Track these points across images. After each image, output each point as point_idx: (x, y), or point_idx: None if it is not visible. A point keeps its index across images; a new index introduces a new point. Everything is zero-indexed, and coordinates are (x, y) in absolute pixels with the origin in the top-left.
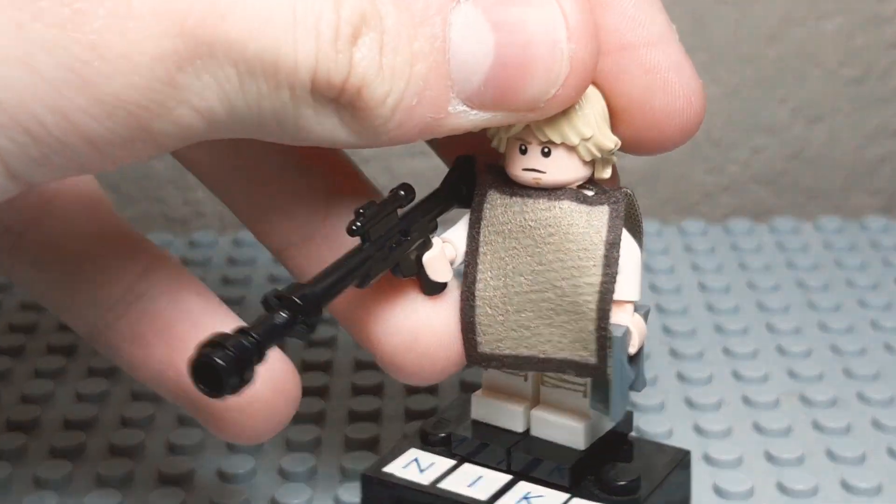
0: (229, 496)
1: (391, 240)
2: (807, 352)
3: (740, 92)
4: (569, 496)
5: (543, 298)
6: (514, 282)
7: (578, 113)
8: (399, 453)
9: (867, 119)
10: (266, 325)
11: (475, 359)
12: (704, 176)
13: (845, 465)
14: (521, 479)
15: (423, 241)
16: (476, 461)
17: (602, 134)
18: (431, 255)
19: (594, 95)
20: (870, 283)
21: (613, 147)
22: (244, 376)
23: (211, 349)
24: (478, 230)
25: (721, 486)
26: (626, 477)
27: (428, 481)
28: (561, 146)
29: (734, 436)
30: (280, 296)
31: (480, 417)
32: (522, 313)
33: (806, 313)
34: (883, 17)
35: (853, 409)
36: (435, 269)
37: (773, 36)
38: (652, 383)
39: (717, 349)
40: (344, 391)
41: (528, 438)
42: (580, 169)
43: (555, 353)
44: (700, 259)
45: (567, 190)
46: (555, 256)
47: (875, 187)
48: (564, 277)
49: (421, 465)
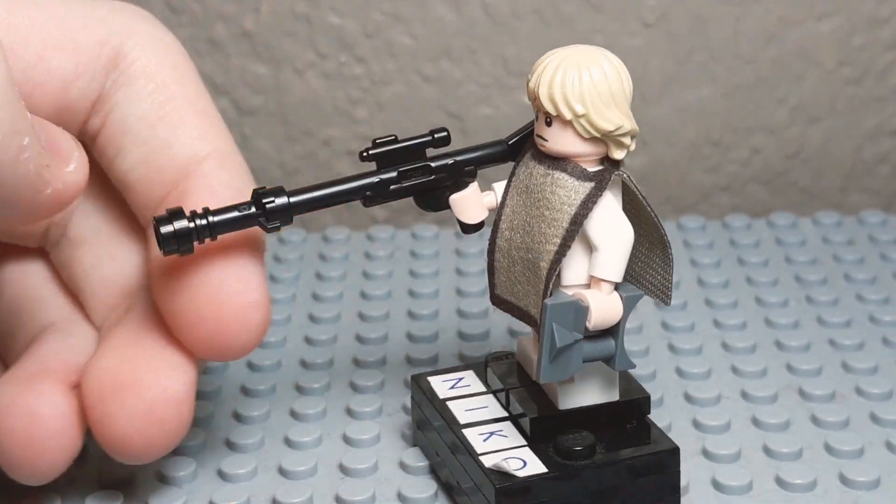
0: (230, 496)
1: (409, 173)
2: (805, 346)
3: (739, 92)
4: (524, 444)
5: (525, 258)
6: (515, 236)
7: (575, 89)
8: (456, 371)
9: (865, 119)
10: (227, 212)
11: (494, 300)
12: (703, 176)
13: (843, 459)
14: (510, 420)
15: (454, 182)
16: (496, 395)
17: (597, 113)
18: (459, 195)
19: (601, 76)
20: (868, 278)
21: (612, 129)
22: (181, 248)
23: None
24: (509, 184)
25: (720, 481)
26: (579, 444)
27: (444, 396)
28: (557, 118)
29: (733, 430)
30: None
31: (519, 359)
32: (516, 267)
33: (804, 308)
34: (881, 17)
35: (851, 403)
36: (461, 210)
37: (771, 36)
38: (651, 378)
39: (716, 344)
40: (344, 390)
41: (532, 387)
42: (579, 144)
43: (532, 309)
44: (698, 254)
45: (569, 161)
46: (536, 221)
47: (873, 187)
48: (537, 241)
49: (458, 384)
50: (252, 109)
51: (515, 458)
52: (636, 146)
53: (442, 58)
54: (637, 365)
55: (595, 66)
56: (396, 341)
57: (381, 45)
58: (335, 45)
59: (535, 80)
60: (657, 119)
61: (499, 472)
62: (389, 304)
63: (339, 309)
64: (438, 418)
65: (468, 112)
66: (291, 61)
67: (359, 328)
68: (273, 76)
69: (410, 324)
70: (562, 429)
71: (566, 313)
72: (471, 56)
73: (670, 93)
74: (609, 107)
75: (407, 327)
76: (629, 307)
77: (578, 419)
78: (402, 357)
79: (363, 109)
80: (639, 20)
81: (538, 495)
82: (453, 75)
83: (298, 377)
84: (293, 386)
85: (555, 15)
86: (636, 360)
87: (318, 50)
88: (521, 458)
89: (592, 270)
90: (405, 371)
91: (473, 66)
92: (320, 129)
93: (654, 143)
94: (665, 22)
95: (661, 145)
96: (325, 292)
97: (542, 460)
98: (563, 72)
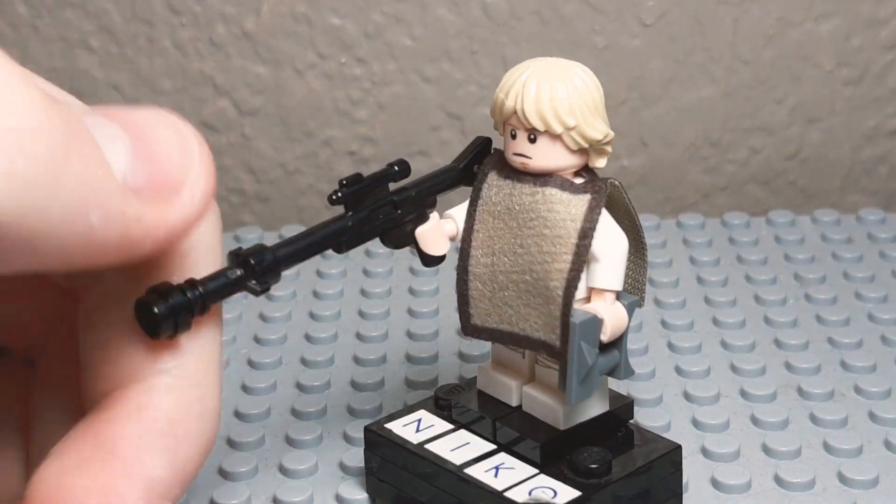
0: (231, 494)
1: (378, 211)
2: (804, 344)
3: (738, 92)
4: (537, 472)
5: (522, 280)
6: (499, 261)
7: (564, 102)
8: (409, 413)
9: (864, 119)
10: (215, 280)
11: (468, 330)
12: (702, 176)
13: (842, 458)
14: (503, 450)
15: (418, 215)
16: (471, 429)
17: (587, 124)
18: (425, 228)
19: (584, 86)
20: (866, 276)
21: (601, 138)
22: (178, 327)
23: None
24: (475, 209)
25: (718, 479)
26: (595, 460)
27: (418, 441)
28: (545, 133)
29: (732, 428)
30: (238, 254)
31: (483, 388)
32: (505, 291)
33: (803, 306)
34: (880, 18)
35: (850, 402)
36: (427, 242)
37: (770, 37)
38: (650, 376)
39: (715, 342)
40: (345, 389)
41: (518, 413)
42: (567, 157)
43: (531, 332)
44: (698, 252)
45: (555, 177)
46: (533, 241)
47: (872, 187)
48: (539, 262)
49: (421, 426)
50: (252, 110)
51: (543, 488)
52: (635, 146)
53: (442, 58)
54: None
55: (575, 78)
56: (397, 339)
57: (381, 45)
58: (335, 45)
59: (513, 99)
60: (656, 119)
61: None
62: (390, 301)
63: (340, 306)
64: (422, 465)
65: (468, 112)
66: (292, 62)
67: (359, 326)
68: (273, 77)
69: (411, 321)
70: (567, 448)
71: (591, 330)
72: (471, 57)
73: (669, 93)
74: (595, 116)
75: (408, 325)
76: (631, 314)
77: (579, 436)
78: (402, 356)
79: (363, 110)
80: (638, 20)
81: None
82: (453, 76)
83: (299, 375)
84: (294, 384)
85: (555, 15)
86: (636, 358)
87: (319, 50)
88: (546, 486)
89: (595, 282)
90: (406, 370)
91: (473, 66)
92: (320, 129)
93: (654, 143)
94: (664, 22)
95: (660, 145)
96: (326, 290)
97: (567, 484)
98: (548, 86)
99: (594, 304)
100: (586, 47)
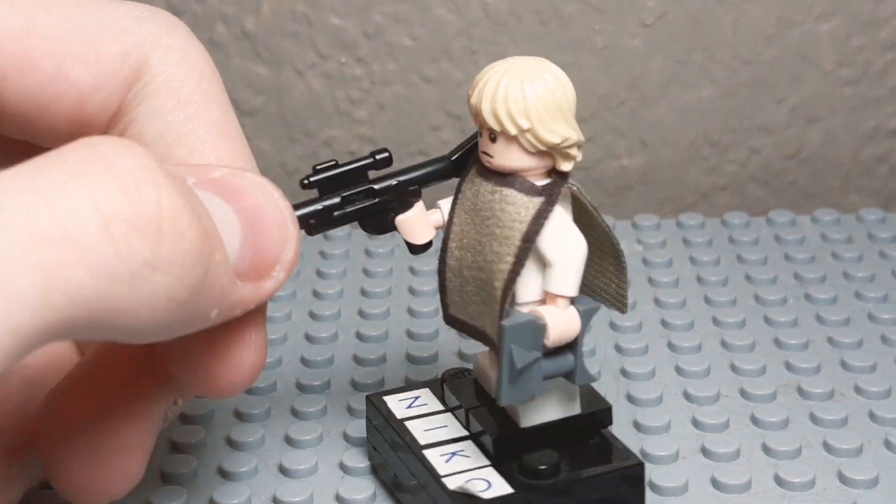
0: (231, 494)
1: (352, 198)
2: (804, 344)
3: (738, 92)
4: (488, 464)
5: (479, 277)
6: (464, 256)
7: (519, 103)
8: (411, 389)
9: (864, 119)
10: None
11: (447, 319)
12: (702, 176)
13: (842, 458)
14: (471, 439)
15: (400, 203)
16: (455, 414)
17: (543, 127)
18: (405, 216)
19: (545, 89)
20: (866, 276)
21: (559, 142)
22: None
23: None
24: (455, 202)
25: (718, 479)
26: (544, 462)
27: (401, 416)
28: (502, 134)
29: (732, 428)
30: None
31: (476, 377)
32: (468, 286)
33: (803, 306)
34: (880, 18)
35: (850, 402)
36: (407, 231)
37: (770, 37)
38: (650, 376)
39: (715, 341)
40: (345, 389)
41: (493, 406)
42: (525, 158)
43: (488, 328)
44: (698, 252)
45: (517, 177)
46: (487, 240)
47: (872, 187)
48: (489, 261)
49: (414, 403)
50: (252, 110)
51: (480, 480)
52: (635, 146)
53: (442, 58)
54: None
55: (538, 80)
56: (397, 339)
57: (381, 45)
58: (335, 45)
59: (476, 96)
60: (656, 119)
61: (463, 494)
62: (390, 301)
63: (340, 306)
64: (397, 439)
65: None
66: (292, 62)
67: (359, 325)
68: (273, 77)
69: (411, 321)
70: (526, 447)
71: (524, 333)
72: (471, 57)
73: (669, 93)
74: (555, 119)
75: (408, 325)
76: (586, 320)
77: (542, 436)
78: (402, 355)
79: (363, 110)
80: (638, 20)
81: None
82: (453, 76)
83: (299, 375)
84: (294, 384)
85: (555, 15)
86: (636, 358)
87: (319, 50)
88: (486, 478)
89: (547, 286)
90: (406, 368)
91: (473, 66)
92: (321, 129)
93: (654, 143)
94: (664, 22)
95: (660, 145)
96: (326, 290)
97: (507, 480)
98: (505, 86)
99: (543, 307)
100: (586, 47)
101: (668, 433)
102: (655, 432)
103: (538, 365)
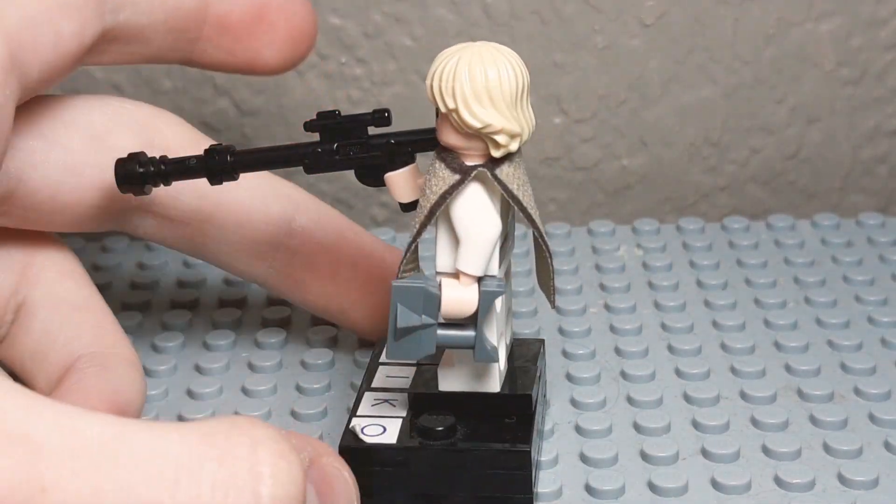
0: None
1: (347, 147)
2: (804, 347)
3: (738, 92)
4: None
5: None
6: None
7: (448, 84)
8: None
9: (864, 120)
10: (179, 161)
11: None
12: (702, 176)
13: (842, 459)
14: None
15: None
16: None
17: (467, 110)
18: (394, 173)
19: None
20: (866, 279)
21: (480, 127)
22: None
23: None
24: None
25: (719, 480)
26: (436, 424)
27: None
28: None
29: (732, 430)
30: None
31: None
32: None
33: (803, 309)
34: (880, 18)
35: (850, 404)
36: (394, 188)
37: (770, 37)
38: (650, 378)
39: (715, 344)
40: (345, 391)
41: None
42: (456, 137)
43: None
44: (698, 256)
45: (451, 153)
46: (420, 206)
47: (872, 187)
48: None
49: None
50: (252, 110)
51: (377, 426)
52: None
53: None
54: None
55: (480, 65)
56: None
57: (381, 45)
58: (335, 45)
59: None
60: (656, 119)
61: (352, 432)
62: None
63: None
64: (365, 378)
65: None
66: None
67: None
68: (273, 76)
69: None
70: (438, 409)
71: (413, 297)
72: None
73: (669, 93)
74: (482, 104)
75: None
76: (487, 301)
77: (458, 403)
78: None
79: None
80: (638, 20)
81: (380, 462)
82: None
83: (299, 378)
84: (293, 387)
85: (554, 15)
86: (636, 360)
87: (319, 50)
88: (385, 426)
89: (456, 262)
90: None
91: None
92: None
93: (654, 143)
94: (664, 22)
95: (660, 146)
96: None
97: (399, 433)
98: (451, 66)
99: (447, 280)
100: (586, 47)
101: (668, 434)
102: (655, 434)
103: (430, 331)
